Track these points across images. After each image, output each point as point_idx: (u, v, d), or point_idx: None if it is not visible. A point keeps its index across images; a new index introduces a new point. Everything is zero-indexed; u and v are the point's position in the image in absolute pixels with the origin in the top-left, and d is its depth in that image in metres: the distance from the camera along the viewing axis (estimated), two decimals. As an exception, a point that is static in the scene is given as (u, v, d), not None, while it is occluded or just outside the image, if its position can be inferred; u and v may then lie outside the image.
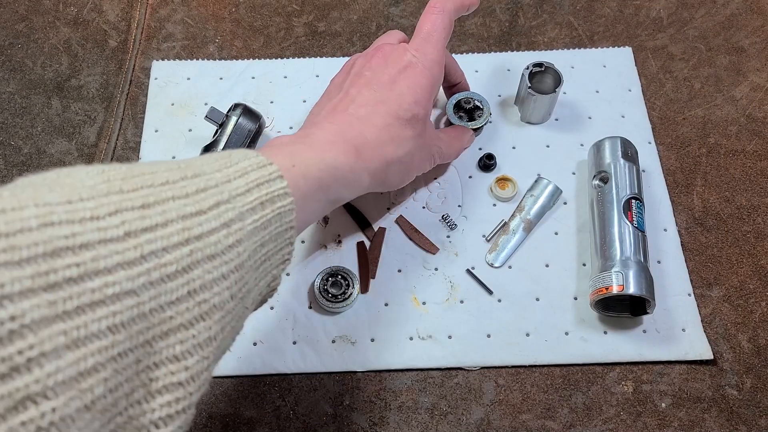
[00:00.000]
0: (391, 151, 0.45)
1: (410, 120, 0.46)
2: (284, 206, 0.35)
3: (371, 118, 0.44)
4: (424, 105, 0.47)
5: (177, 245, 0.27)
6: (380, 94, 0.46)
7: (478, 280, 0.56)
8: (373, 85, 0.47)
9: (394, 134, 0.45)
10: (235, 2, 0.73)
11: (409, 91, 0.46)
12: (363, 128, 0.44)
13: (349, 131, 0.43)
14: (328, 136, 0.42)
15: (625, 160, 0.57)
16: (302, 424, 0.50)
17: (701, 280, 0.56)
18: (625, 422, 0.50)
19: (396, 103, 0.46)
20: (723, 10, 0.72)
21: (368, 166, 0.43)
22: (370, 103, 0.45)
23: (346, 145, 0.42)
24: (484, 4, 0.72)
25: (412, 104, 0.46)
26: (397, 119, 0.45)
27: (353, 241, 0.58)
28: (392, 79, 0.47)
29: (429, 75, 0.48)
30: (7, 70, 0.68)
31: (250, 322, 0.53)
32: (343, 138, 0.42)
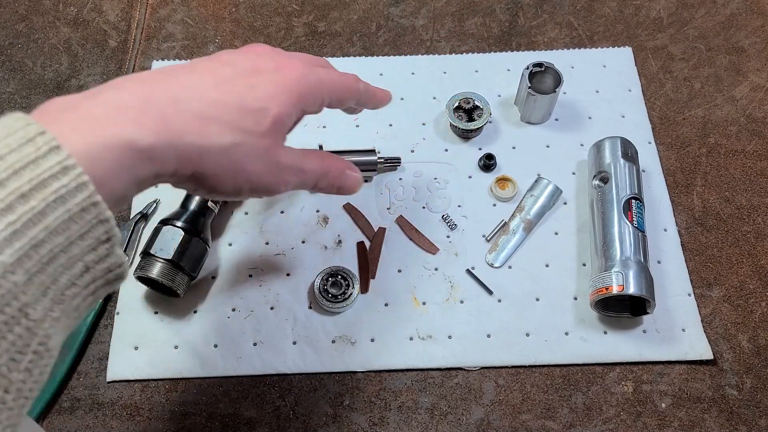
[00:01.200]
0: (213, 133, 0.34)
1: (256, 111, 0.36)
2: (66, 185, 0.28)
3: (202, 88, 0.35)
4: (281, 103, 0.38)
5: None
6: (232, 74, 0.37)
7: (478, 280, 0.56)
8: (231, 64, 0.38)
9: (227, 116, 0.35)
10: (235, 2, 0.73)
11: (270, 85, 0.37)
12: (184, 95, 0.33)
13: (162, 92, 0.33)
14: (126, 97, 0.31)
15: (625, 160, 0.57)
16: (302, 424, 0.50)
17: (701, 280, 0.56)
18: (625, 422, 0.50)
19: (246, 87, 0.36)
20: (723, 10, 0.72)
21: (175, 145, 0.32)
22: (211, 77, 0.36)
23: (148, 112, 0.31)
24: (484, 4, 0.72)
25: (267, 96, 0.37)
26: (238, 101, 0.36)
27: (353, 241, 0.58)
28: (258, 70, 0.38)
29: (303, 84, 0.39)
30: (7, 70, 0.68)
31: (250, 323, 0.53)
32: (147, 100, 0.32)
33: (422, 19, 0.72)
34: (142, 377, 0.52)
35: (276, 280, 0.56)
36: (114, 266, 0.31)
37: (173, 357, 0.53)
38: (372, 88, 0.47)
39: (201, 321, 0.54)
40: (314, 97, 0.41)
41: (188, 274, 0.52)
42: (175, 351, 0.53)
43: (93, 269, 0.30)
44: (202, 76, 0.36)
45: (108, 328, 0.54)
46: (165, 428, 0.50)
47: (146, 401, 0.51)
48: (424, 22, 0.71)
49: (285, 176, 0.40)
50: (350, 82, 0.45)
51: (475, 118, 0.62)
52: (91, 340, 0.54)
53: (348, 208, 0.59)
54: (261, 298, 0.55)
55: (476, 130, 0.62)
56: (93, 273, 0.30)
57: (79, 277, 0.30)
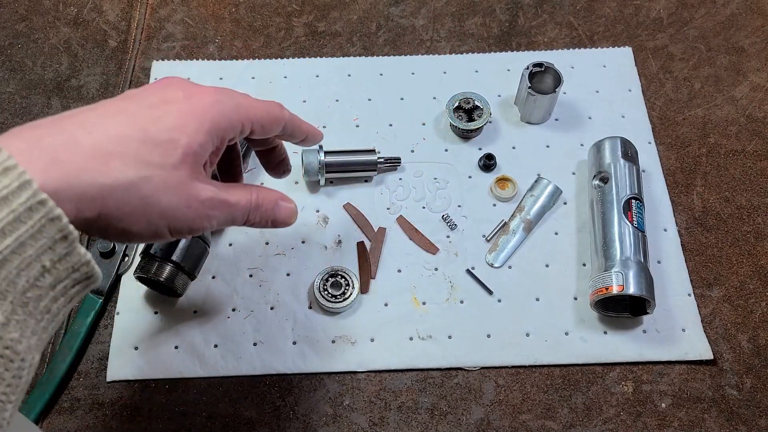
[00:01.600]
0: (115, 169, 0.32)
1: (164, 143, 0.34)
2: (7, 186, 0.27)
3: (100, 124, 0.33)
4: (190, 133, 0.35)
5: None
6: (136, 107, 0.35)
7: (478, 280, 0.56)
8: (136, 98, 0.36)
9: (130, 149, 0.33)
10: (235, 2, 0.73)
11: (177, 114, 0.35)
12: (78, 132, 0.31)
13: (51, 136, 0.30)
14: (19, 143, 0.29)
15: (625, 160, 0.57)
16: (302, 424, 0.50)
17: (701, 280, 0.56)
18: (625, 422, 0.50)
19: (151, 119, 0.34)
20: (723, 10, 0.72)
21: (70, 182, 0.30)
22: (113, 112, 0.34)
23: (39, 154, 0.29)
24: (484, 4, 0.72)
25: (174, 127, 0.35)
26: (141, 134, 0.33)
27: (353, 241, 0.58)
28: (166, 100, 0.36)
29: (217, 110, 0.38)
30: (7, 70, 0.68)
31: (250, 323, 0.53)
32: (39, 145, 0.30)
33: (422, 19, 0.72)
34: (142, 377, 0.52)
35: (276, 280, 0.56)
36: (78, 265, 0.30)
37: (173, 357, 0.53)
38: (298, 120, 0.45)
39: (201, 321, 0.54)
40: (231, 122, 0.39)
41: (188, 274, 0.52)
42: (175, 351, 0.53)
43: (54, 269, 0.29)
44: (100, 113, 0.33)
45: (108, 328, 0.54)
46: (165, 428, 0.50)
47: (146, 401, 0.51)
48: (424, 22, 0.71)
49: (207, 211, 0.37)
50: (273, 108, 0.42)
51: (475, 118, 0.62)
52: (91, 340, 0.54)
53: (348, 208, 0.59)
54: (261, 298, 0.55)
55: (476, 130, 0.62)
56: (55, 274, 0.29)
57: (40, 278, 0.29)
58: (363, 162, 0.59)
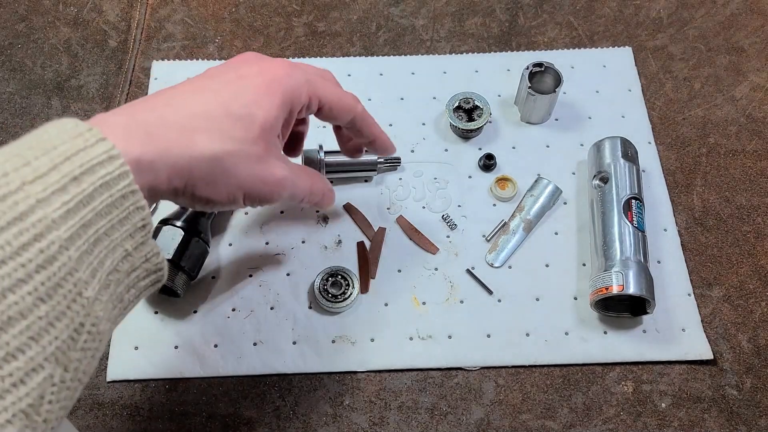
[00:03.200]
0: (203, 141, 0.34)
1: (243, 117, 0.37)
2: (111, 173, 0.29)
3: (186, 102, 0.35)
4: (266, 108, 0.38)
5: None
6: (214, 84, 0.37)
7: (478, 280, 0.56)
8: (215, 76, 0.38)
9: (214, 125, 0.35)
10: (235, 2, 0.73)
11: (252, 90, 0.38)
12: (167, 110, 0.34)
13: (145, 113, 0.34)
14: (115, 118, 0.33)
15: (625, 160, 0.57)
16: (302, 424, 0.50)
17: (701, 280, 0.56)
18: (625, 422, 0.50)
19: (230, 95, 0.37)
20: (723, 10, 0.72)
21: (164, 157, 0.33)
22: (196, 89, 0.37)
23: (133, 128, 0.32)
24: (484, 4, 0.72)
25: (251, 102, 0.37)
26: (224, 110, 0.36)
27: (353, 241, 0.58)
28: (241, 76, 0.38)
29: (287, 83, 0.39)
30: (7, 70, 0.68)
31: (250, 323, 0.53)
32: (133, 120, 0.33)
33: (422, 19, 0.72)
34: (142, 377, 0.52)
35: (276, 280, 0.56)
36: (150, 255, 0.33)
37: (173, 357, 0.53)
38: (370, 120, 0.47)
39: (201, 321, 0.54)
40: (299, 96, 0.40)
41: (188, 274, 0.52)
42: (175, 351, 0.53)
43: (132, 256, 0.32)
44: (186, 91, 0.36)
45: (108, 328, 0.54)
46: (165, 428, 0.50)
47: (146, 401, 0.51)
48: (424, 22, 0.71)
49: (278, 188, 0.40)
50: (345, 96, 0.44)
51: (475, 118, 0.62)
52: (91, 340, 0.54)
53: (348, 208, 0.59)
54: (261, 298, 0.55)
55: (476, 130, 0.62)
56: (132, 260, 0.32)
57: (121, 261, 0.31)
58: (363, 162, 0.59)
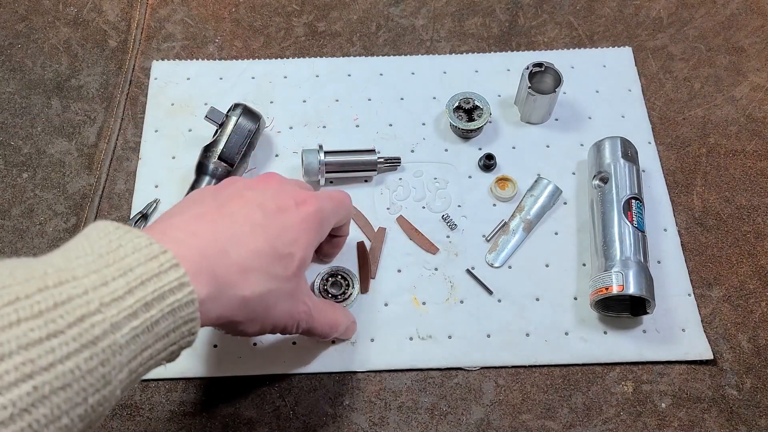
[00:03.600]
0: (252, 283, 0.37)
1: (285, 257, 0.39)
2: (179, 300, 0.31)
3: (244, 239, 0.37)
4: (304, 247, 0.41)
5: (13, 384, 0.24)
6: (262, 218, 0.39)
7: (478, 280, 0.56)
8: (257, 207, 0.40)
9: (263, 266, 0.37)
10: (235, 2, 0.73)
11: (294, 226, 0.40)
12: (230, 247, 0.36)
13: (211, 248, 0.35)
14: (184, 251, 0.33)
15: (625, 160, 0.57)
16: (302, 424, 0.50)
17: (701, 280, 0.56)
18: (625, 422, 0.50)
19: (275, 233, 0.39)
20: (723, 10, 0.72)
21: (220, 297, 0.35)
22: (248, 224, 0.38)
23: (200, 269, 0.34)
24: (484, 4, 0.72)
25: (293, 241, 0.40)
26: (272, 249, 0.38)
27: (353, 241, 0.58)
28: (280, 208, 0.40)
29: (320, 219, 0.42)
30: (7, 70, 0.68)
31: (250, 322, 0.53)
32: (201, 257, 0.34)
33: (422, 19, 0.72)
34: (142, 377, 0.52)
35: (276, 280, 0.56)
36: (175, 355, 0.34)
37: (173, 357, 0.53)
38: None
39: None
40: (328, 228, 0.45)
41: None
42: (175, 351, 0.53)
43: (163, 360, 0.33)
44: (242, 225, 0.38)
45: (108, 328, 0.54)
46: (165, 428, 0.50)
47: (146, 401, 0.51)
48: (424, 22, 0.71)
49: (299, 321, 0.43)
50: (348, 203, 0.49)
51: (475, 118, 0.62)
52: (91, 340, 0.54)
53: (348, 208, 0.59)
54: (261, 298, 0.55)
55: (476, 130, 0.62)
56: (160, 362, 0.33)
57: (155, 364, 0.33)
58: (363, 162, 0.59)
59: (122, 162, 0.62)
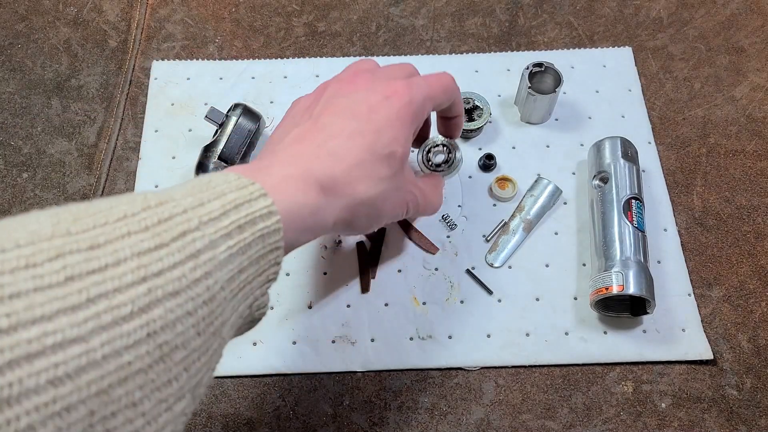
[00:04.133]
0: (362, 190, 0.39)
1: (387, 157, 0.40)
2: (268, 227, 0.32)
3: (343, 152, 0.39)
4: (403, 142, 0.42)
5: (131, 284, 0.25)
6: (356, 124, 0.40)
7: (478, 280, 0.56)
8: (349, 113, 0.41)
9: (368, 172, 0.40)
10: (235, 2, 0.73)
11: (388, 124, 0.41)
12: (332, 163, 0.38)
13: (316, 164, 0.38)
14: (290, 170, 0.37)
15: (625, 160, 0.57)
16: (302, 424, 0.50)
17: (701, 280, 0.56)
18: (625, 422, 0.50)
19: (373, 137, 0.40)
20: (723, 10, 0.72)
21: (334, 206, 0.38)
22: (344, 135, 0.40)
23: (310, 182, 0.37)
24: (484, 3, 0.72)
25: (391, 140, 0.41)
26: (372, 155, 0.40)
27: (353, 241, 0.58)
28: (371, 108, 0.41)
29: (413, 110, 0.43)
30: (7, 70, 0.68)
31: (250, 322, 0.53)
32: (307, 173, 0.37)
33: (422, 19, 0.72)
34: (142, 377, 0.52)
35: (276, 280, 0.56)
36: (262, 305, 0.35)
37: (173, 357, 0.53)
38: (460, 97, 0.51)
39: (201, 321, 0.54)
40: (422, 114, 0.44)
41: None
42: (175, 351, 0.53)
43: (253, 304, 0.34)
44: (338, 137, 0.40)
45: (108, 328, 0.54)
46: (165, 428, 0.50)
47: (146, 401, 0.51)
48: (424, 22, 0.71)
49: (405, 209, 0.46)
50: (449, 83, 0.48)
51: (475, 118, 0.62)
52: (91, 340, 0.54)
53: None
54: (261, 298, 0.55)
55: (476, 130, 0.62)
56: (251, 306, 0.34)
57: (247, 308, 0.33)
58: None
59: (122, 162, 0.62)
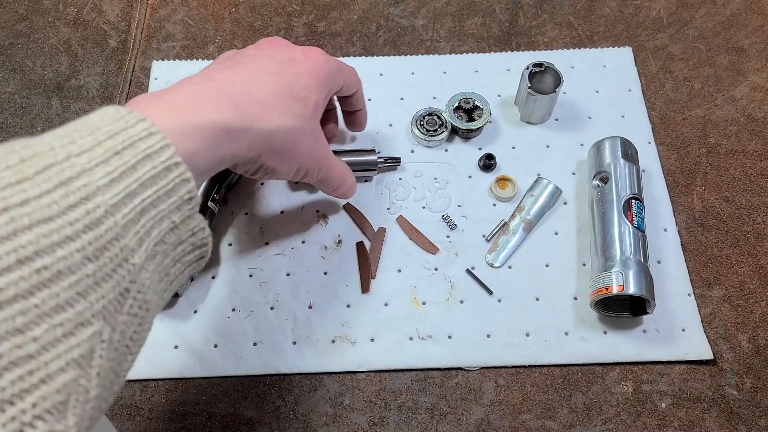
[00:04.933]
0: (276, 117, 0.40)
1: (303, 99, 0.43)
2: (151, 146, 0.31)
3: (261, 79, 0.41)
4: (317, 92, 0.44)
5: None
6: (277, 65, 0.42)
7: (478, 280, 0.56)
8: (271, 57, 0.43)
9: (283, 104, 0.41)
10: (235, 2, 0.73)
11: (305, 72, 0.44)
12: (249, 86, 0.39)
13: (231, 86, 0.38)
14: (202, 90, 0.37)
15: (625, 160, 0.57)
16: (302, 424, 0.50)
17: (701, 280, 0.56)
18: (625, 422, 0.50)
19: (291, 78, 0.42)
20: (723, 10, 0.72)
21: (248, 128, 0.38)
22: (264, 69, 0.42)
23: (223, 99, 0.37)
24: (484, 4, 0.72)
25: (307, 86, 0.43)
26: (289, 91, 0.42)
27: (353, 241, 0.58)
28: (292, 59, 0.44)
29: (327, 71, 0.46)
30: (7, 70, 0.68)
31: (250, 323, 0.54)
32: (221, 92, 0.37)
33: (422, 19, 0.72)
34: (141, 377, 0.52)
35: (276, 280, 0.56)
36: (196, 229, 0.35)
37: (173, 357, 0.53)
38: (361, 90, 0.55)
39: (201, 321, 0.54)
40: (336, 80, 0.47)
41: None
42: (175, 351, 0.53)
43: (178, 228, 0.33)
44: (256, 70, 0.41)
45: (108, 328, 0.54)
46: (165, 428, 0.50)
47: (146, 401, 0.51)
48: (424, 22, 0.71)
49: (319, 164, 0.46)
50: (354, 71, 0.52)
51: (475, 118, 0.62)
52: (91, 340, 0.54)
53: (348, 208, 0.59)
54: (261, 298, 0.55)
55: (476, 130, 0.62)
56: (178, 233, 0.33)
57: (168, 233, 0.33)
58: (363, 162, 0.59)
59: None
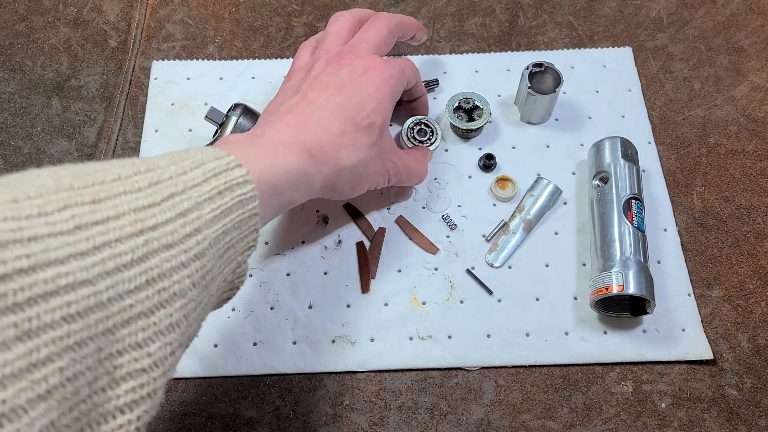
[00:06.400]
0: (344, 156, 0.45)
1: (367, 128, 0.46)
2: (245, 194, 0.35)
3: (328, 123, 0.44)
4: (381, 113, 0.47)
5: (131, 236, 0.28)
6: (340, 99, 0.46)
7: (478, 280, 0.56)
8: (333, 89, 0.46)
9: (349, 141, 0.45)
10: (235, 2, 0.73)
11: (369, 98, 0.46)
12: (319, 131, 0.43)
13: (305, 134, 0.43)
14: (283, 137, 0.42)
15: (625, 160, 0.57)
16: (302, 424, 0.50)
17: (701, 280, 0.56)
18: (625, 422, 0.50)
19: (354, 109, 0.46)
20: (723, 10, 0.72)
21: (321, 170, 0.43)
22: (329, 107, 0.45)
23: (300, 148, 0.41)
24: (484, 4, 0.72)
25: (370, 112, 0.46)
26: (353, 125, 0.45)
27: (353, 241, 0.58)
28: (353, 82, 0.47)
29: (392, 83, 0.48)
30: (7, 70, 0.68)
31: (250, 323, 0.54)
32: (298, 140, 0.42)
33: (422, 19, 0.72)
34: (142, 377, 0.52)
35: (276, 280, 0.56)
36: (241, 273, 0.38)
37: (173, 357, 0.52)
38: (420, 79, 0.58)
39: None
40: (399, 87, 0.50)
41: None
42: (175, 351, 0.53)
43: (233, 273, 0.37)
44: (323, 110, 0.45)
45: (108, 328, 0.54)
46: (165, 428, 0.50)
47: (146, 401, 0.51)
48: (424, 22, 0.71)
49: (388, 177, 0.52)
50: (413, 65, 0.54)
51: (475, 118, 0.62)
52: (91, 340, 0.54)
53: (348, 208, 0.59)
54: (261, 298, 0.55)
55: (476, 130, 0.62)
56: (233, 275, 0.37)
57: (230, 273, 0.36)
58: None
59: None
